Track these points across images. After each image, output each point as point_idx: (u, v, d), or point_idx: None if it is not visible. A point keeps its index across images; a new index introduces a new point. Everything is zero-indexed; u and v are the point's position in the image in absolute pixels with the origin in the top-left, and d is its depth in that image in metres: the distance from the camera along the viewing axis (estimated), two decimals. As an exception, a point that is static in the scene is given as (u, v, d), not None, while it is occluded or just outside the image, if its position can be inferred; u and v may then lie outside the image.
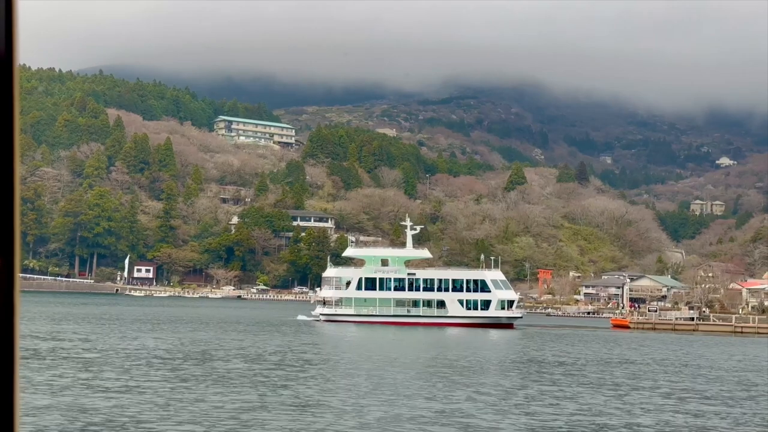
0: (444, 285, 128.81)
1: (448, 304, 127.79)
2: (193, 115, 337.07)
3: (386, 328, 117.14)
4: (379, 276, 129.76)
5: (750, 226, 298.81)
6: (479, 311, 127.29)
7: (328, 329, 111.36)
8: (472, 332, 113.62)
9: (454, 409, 41.23)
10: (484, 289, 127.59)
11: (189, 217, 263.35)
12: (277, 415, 37.55)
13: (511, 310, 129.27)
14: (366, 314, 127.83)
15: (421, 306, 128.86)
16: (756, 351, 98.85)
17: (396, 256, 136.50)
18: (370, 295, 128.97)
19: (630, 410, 43.99)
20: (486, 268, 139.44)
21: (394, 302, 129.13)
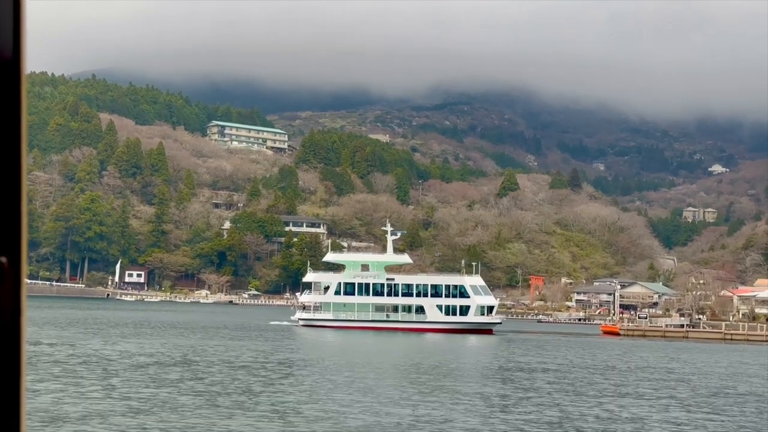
0: (423, 290, 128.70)
1: (427, 309, 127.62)
2: (186, 120, 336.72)
3: (364, 333, 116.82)
4: (357, 281, 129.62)
5: (742, 234, 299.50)
6: (458, 317, 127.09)
7: (304, 335, 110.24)
8: (450, 338, 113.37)
9: (423, 415, 40.95)
10: (463, 295, 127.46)
11: (181, 221, 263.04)
12: (241, 424, 37.17)
13: (490, 316, 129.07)
14: (344, 319, 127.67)
15: (400, 311, 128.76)
16: (736, 358, 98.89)
17: (376, 261, 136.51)
18: (348, 300, 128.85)
19: (581, 415, 43.95)
20: (467, 274, 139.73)
21: (373, 307, 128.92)
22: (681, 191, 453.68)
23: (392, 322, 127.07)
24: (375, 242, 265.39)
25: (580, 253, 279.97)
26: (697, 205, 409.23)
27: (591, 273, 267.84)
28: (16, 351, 2.12)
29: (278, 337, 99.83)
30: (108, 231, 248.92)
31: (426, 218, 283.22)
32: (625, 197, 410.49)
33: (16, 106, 2.14)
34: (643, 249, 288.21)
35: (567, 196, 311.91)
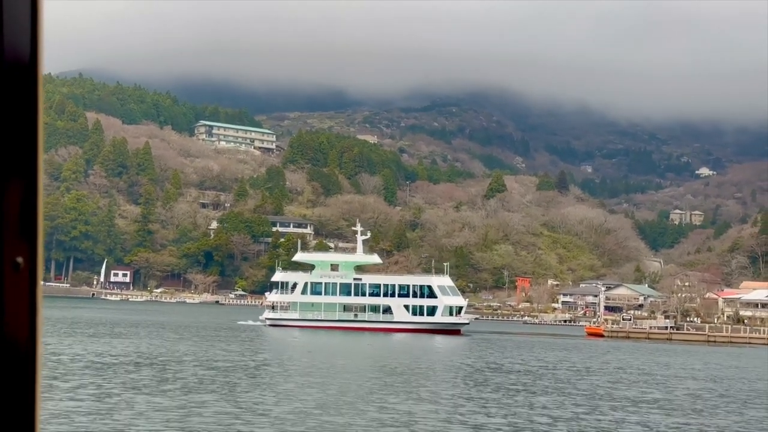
0: (390, 290, 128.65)
1: (394, 309, 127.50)
2: (173, 120, 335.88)
3: (330, 333, 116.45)
4: (325, 281, 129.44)
5: (728, 236, 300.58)
6: (425, 317, 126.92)
7: (269, 335, 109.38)
8: (417, 338, 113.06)
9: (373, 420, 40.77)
10: (431, 295, 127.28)
11: (167, 221, 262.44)
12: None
13: (458, 317, 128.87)
14: (311, 319, 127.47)
15: (367, 311, 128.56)
16: (713, 359, 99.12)
17: (346, 261, 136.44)
18: (315, 300, 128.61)
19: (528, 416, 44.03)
20: (438, 274, 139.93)
21: (340, 307, 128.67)
22: (668, 194, 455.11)
23: (359, 322, 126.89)
24: (362, 243, 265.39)
25: (566, 255, 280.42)
26: (684, 208, 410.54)
27: (577, 275, 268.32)
28: (32, 348, 2.15)
29: (238, 337, 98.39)
30: (94, 230, 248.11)
31: (413, 219, 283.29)
32: (613, 199, 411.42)
33: (34, 108, 2.15)
34: (630, 251, 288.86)
35: (554, 198, 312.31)
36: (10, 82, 2.10)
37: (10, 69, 2.10)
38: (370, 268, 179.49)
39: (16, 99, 2.12)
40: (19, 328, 2.11)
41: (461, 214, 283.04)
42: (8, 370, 2.10)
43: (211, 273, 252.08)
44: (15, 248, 2.10)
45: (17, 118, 2.12)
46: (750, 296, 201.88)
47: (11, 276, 2.09)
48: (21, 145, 2.12)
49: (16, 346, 2.11)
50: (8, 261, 2.09)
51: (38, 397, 2.17)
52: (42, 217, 2.19)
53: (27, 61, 2.13)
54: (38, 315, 2.16)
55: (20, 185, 2.11)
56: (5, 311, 2.09)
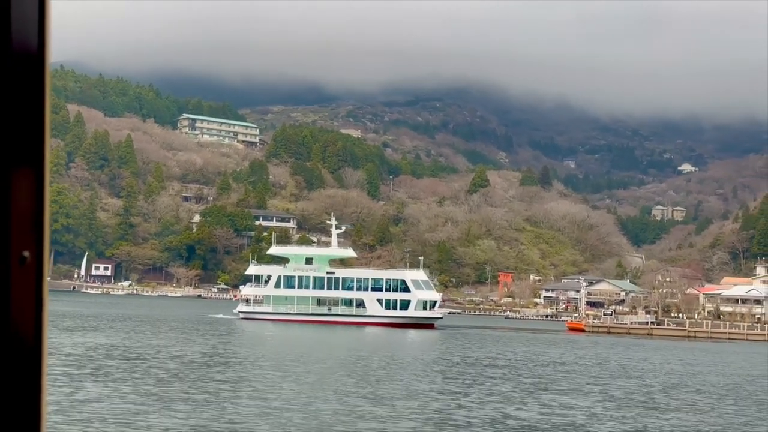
0: (363, 284, 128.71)
1: (367, 303, 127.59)
2: (156, 113, 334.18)
3: (303, 326, 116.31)
4: (298, 274, 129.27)
5: (709, 232, 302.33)
6: (398, 311, 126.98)
7: (242, 328, 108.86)
8: (390, 332, 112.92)
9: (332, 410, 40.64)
10: (404, 289, 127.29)
11: (149, 214, 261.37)
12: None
13: (432, 311, 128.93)
14: (284, 312, 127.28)
15: (340, 305, 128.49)
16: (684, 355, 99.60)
17: (320, 255, 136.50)
18: (288, 294, 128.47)
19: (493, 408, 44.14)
20: (414, 268, 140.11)
21: (313, 301, 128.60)
22: (650, 190, 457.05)
23: (332, 316, 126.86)
24: (345, 238, 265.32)
25: (549, 251, 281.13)
26: (666, 204, 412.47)
27: (560, 270, 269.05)
28: (38, 341, 2.16)
29: (207, 331, 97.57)
30: (75, 223, 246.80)
31: (396, 214, 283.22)
32: (595, 195, 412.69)
33: (41, 102, 2.16)
34: (612, 247, 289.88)
35: (537, 193, 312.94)
36: (17, 77, 2.11)
37: (18, 64, 2.11)
38: (353, 262, 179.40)
39: (23, 93, 2.13)
40: (25, 321, 2.13)
41: (444, 209, 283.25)
42: (15, 362, 2.11)
43: (193, 267, 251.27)
44: (22, 242, 2.11)
45: (24, 112, 2.12)
46: (730, 292, 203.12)
47: (18, 270, 2.10)
48: (28, 139, 2.13)
49: (22, 339, 2.13)
50: (15, 255, 2.10)
51: (44, 390, 2.18)
52: (49, 211, 2.19)
53: (35, 56, 2.14)
54: (44, 308, 2.17)
55: (27, 179, 2.13)
56: (12, 305, 2.10)
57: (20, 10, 2.10)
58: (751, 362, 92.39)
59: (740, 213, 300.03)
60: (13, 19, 2.08)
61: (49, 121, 2.18)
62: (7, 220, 2.08)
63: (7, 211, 2.08)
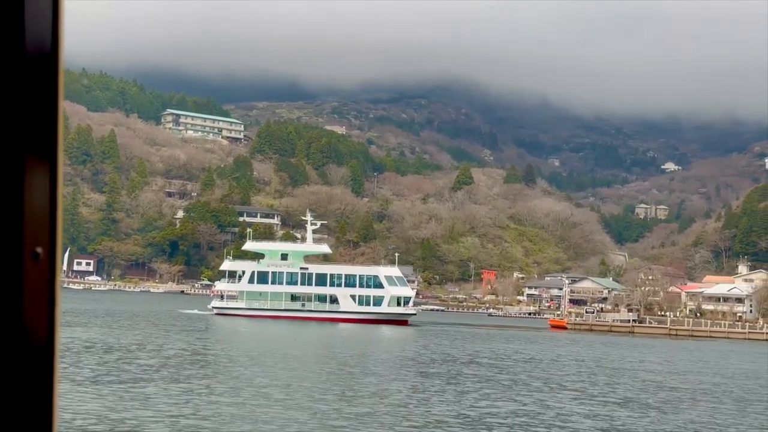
0: (337, 280, 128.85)
1: (341, 299, 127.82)
2: (140, 108, 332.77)
3: (276, 322, 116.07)
4: (271, 270, 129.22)
5: (692, 231, 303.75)
6: (371, 307, 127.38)
7: (214, 323, 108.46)
8: (363, 328, 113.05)
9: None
10: (378, 285, 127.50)
11: (132, 210, 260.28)
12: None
13: (406, 307, 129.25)
14: (258, 308, 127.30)
15: (313, 301, 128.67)
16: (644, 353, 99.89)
17: (295, 251, 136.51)
18: (262, 289, 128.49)
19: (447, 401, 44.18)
20: (389, 264, 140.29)
21: (287, 296, 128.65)
22: (634, 188, 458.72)
23: (305, 312, 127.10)
24: (329, 234, 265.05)
25: (532, 248, 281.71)
26: (649, 202, 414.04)
27: (543, 268, 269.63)
28: (51, 337, 2.16)
29: (173, 326, 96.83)
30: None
31: (380, 211, 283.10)
32: (579, 193, 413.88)
33: (54, 98, 2.17)
34: (595, 245, 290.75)
35: (521, 191, 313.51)
36: (32, 76, 2.13)
37: (32, 63, 2.12)
38: (337, 259, 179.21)
39: (37, 91, 2.14)
40: (38, 316, 2.14)
41: (428, 206, 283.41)
42: (27, 358, 2.12)
43: (176, 262, 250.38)
44: (35, 238, 2.12)
45: (38, 110, 2.14)
46: (712, 290, 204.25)
47: (31, 266, 2.11)
48: (41, 136, 2.15)
49: (35, 334, 2.14)
50: (28, 251, 2.11)
51: (56, 385, 2.19)
52: (62, 207, 2.21)
53: (49, 56, 2.15)
54: (57, 304, 2.19)
55: (40, 176, 2.14)
56: (25, 300, 2.11)
57: (34, 12, 2.11)
58: (729, 360, 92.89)
59: (723, 212, 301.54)
60: (27, 21, 2.10)
61: (62, 119, 2.19)
62: (21, 216, 2.10)
63: (20, 208, 2.10)
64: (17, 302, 2.10)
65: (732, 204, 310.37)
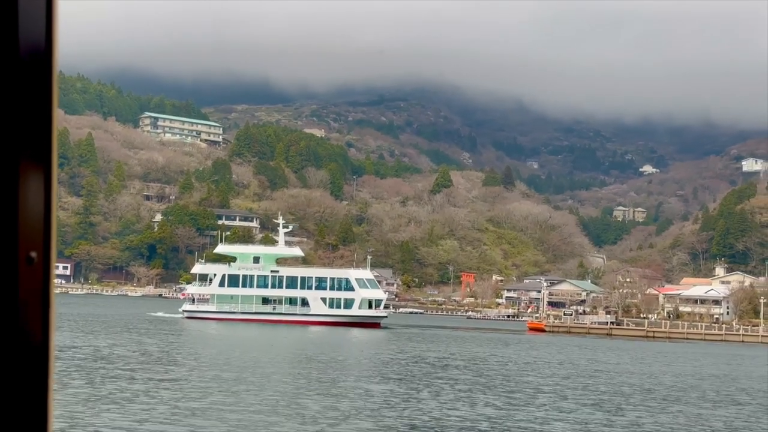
0: (307, 283, 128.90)
1: (311, 302, 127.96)
2: (117, 111, 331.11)
3: (247, 325, 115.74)
4: (242, 273, 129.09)
5: (669, 233, 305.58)
6: (342, 310, 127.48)
7: (181, 327, 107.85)
8: (332, 331, 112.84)
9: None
10: (348, 288, 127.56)
11: (110, 213, 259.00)
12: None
13: (377, 310, 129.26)
14: (228, 311, 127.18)
15: (284, 304, 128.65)
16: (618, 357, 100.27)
17: (267, 253, 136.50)
18: (233, 292, 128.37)
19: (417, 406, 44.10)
20: (360, 267, 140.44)
21: (257, 299, 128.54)
22: (612, 191, 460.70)
23: (276, 315, 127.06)
24: (308, 237, 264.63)
25: (511, 251, 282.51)
26: (627, 205, 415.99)
27: (522, 270, 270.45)
28: (45, 341, 2.16)
29: (139, 330, 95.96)
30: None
31: (359, 214, 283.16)
32: (558, 196, 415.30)
33: (48, 102, 2.17)
34: (574, 247, 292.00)
35: (500, 193, 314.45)
36: (25, 80, 2.12)
37: (25, 66, 2.12)
38: (316, 262, 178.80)
39: (30, 95, 2.13)
40: (32, 321, 2.14)
41: (407, 209, 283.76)
42: (22, 362, 2.12)
43: (154, 266, 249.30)
44: (29, 242, 2.12)
45: (32, 115, 2.13)
46: (689, 292, 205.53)
47: (25, 269, 2.12)
48: (35, 141, 2.14)
49: (29, 338, 2.14)
50: (22, 255, 2.11)
51: (51, 389, 2.19)
52: (56, 211, 2.20)
53: (42, 59, 2.15)
54: (51, 308, 2.19)
55: (34, 180, 2.14)
56: (20, 304, 2.11)
57: (28, 15, 2.11)
58: (701, 362, 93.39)
59: (700, 214, 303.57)
60: (21, 25, 2.10)
61: (56, 123, 2.19)
62: (15, 221, 2.10)
63: (15, 212, 2.10)
64: (11, 306, 2.10)
65: (709, 206, 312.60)
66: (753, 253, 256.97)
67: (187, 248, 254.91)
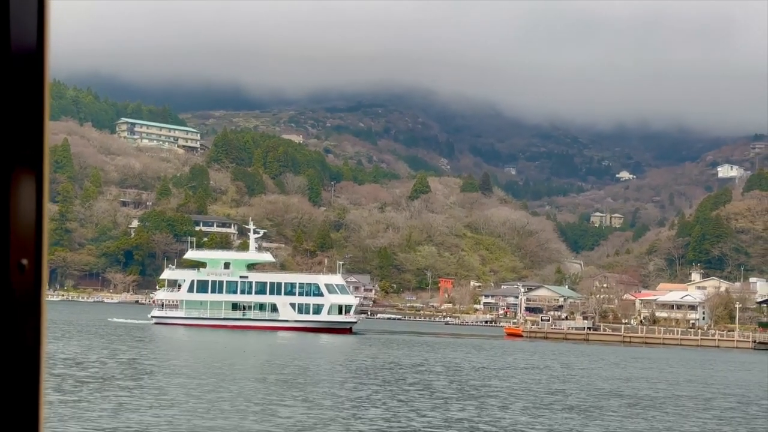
0: (276, 288, 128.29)
1: (280, 307, 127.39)
2: (94, 117, 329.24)
3: (216, 331, 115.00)
4: (211, 279, 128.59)
5: (646, 239, 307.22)
6: (311, 315, 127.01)
7: (152, 333, 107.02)
8: (302, 337, 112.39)
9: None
10: (317, 294, 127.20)
11: (86, 220, 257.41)
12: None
13: (347, 315, 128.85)
14: (197, 317, 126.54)
15: (253, 309, 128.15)
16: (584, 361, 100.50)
17: (237, 259, 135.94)
18: (202, 298, 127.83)
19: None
20: (330, 272, 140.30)
21: (226, 305, 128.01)
22: (589, 197, 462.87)
23: (245, 321, 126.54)
24: (286, 243, 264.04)
25: (489, 257, 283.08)
26: (604, 211, 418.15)
27: (500, 276, 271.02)
28: (37, 349, 2.16)
29: (97, 336, 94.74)
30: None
31: (337, 220, 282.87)
32: (535, 202, 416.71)
33: (40, 110, 2.15)
34: (551, 253, 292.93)
35: (478, 199, 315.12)
36: (16, 85, 2.11)
37: (17, 71, 2.11)
38: (294, 268, 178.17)
39: (22, 100, 2.12)
40: (24, 329, 2.13)
41: (385, 215, 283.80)
42: (13, 370, 2.11)
43: (131, 272, 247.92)
44: (20, 250, 2.11)
45: (23, 120, 2.11)
46: (666, 298, 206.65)
47: (17, 277, 2.11)
48: (27, 146, 2.12)
49: (21, 347, 2.13)
50: (14, 263, 2.10)
51: (42, 397, 2.18)
52: (47, 219, 2.20)
53: (34, 62, 2.13)
54: (43, 316, 2.19)
55: (26, 187, 2.12)
56: (11, 312, 2.10)
57: (19, 16, 2.10)
58: (676, 368, 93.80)
59: (676, 220, 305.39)
60: (12, 28, 2.08)
61: (48, 129, 2.17)
62: (6, 228, 2.09)
63: (6, 219, 2.09)
64: (3, 314, 2.09)
65: (685, 212, 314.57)
66: (728, 259, 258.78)
67: (164, 254, 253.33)
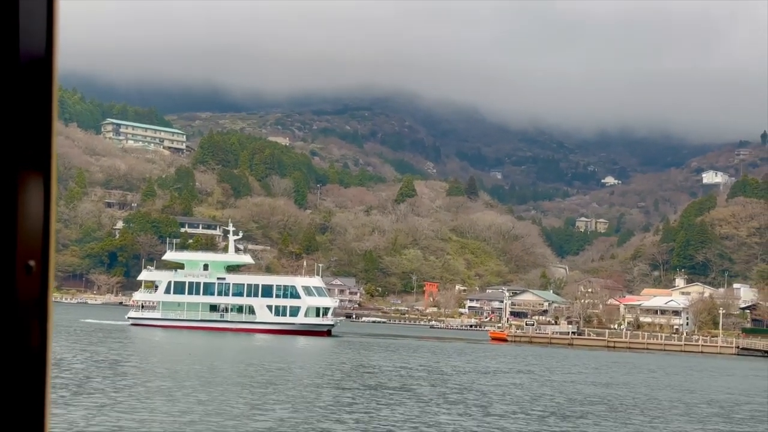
0: (254, 290, 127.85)
1: (257, 309, 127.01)
2: (79, 117, 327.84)
3: (192, 333, 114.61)
4: (188, 280, 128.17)
5: (631, 244, 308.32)
6: (288, 318, 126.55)
7: (128, 335, 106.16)
8: (279, 339, 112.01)
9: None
10: (294, 296, 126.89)
11: (71, 220, 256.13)
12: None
13: (325, 318, 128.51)
14: (174, 318, 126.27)
15: (230, 311, 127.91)
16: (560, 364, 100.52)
17: (216, 261, 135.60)
18: (179, 299, 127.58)
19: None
20: (309, 275, 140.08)
21: (203, 307, 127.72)
22: (575, 201, 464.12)
23: (222, 323, 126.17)
24: (271, 245, 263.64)
25: (474, 261, 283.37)
26: (590, 216, 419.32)
27: (485, 280, 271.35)
28: (43, 351, 2.16)
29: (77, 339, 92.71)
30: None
31: (323, 223, 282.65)
32: (521, 206, 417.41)
33: (48, 111, 2.16)
34: (537, 257, 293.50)
35: (463, 203, 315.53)
36: (24, 88, 2.12)
37: (25, 74, 2.11)
38: (279, 270, 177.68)
39: (30, 103, 2.13)
40: (30, 330, 2.14)
41: (371, 218, 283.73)
42: (19, 371, 2.12)
43: (115, 274, 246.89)
44: (28, 251, 2.12)
45: (31, 123, 2.13)
46: (650, 303, 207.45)
47: (24, 279, 2.11)
48: (34, 148, 2.13)
49: (27, 348, 2.14)
50: (21, 264, 2.11)
51: (48, 399, 2.19)
52: (54, 220, 2.21)
53: (42, 65, 2.14)
54: (49, 317, 2.19)
55: (33, 189, 2.14)
56: (18, 313, 2.11)
57: (28, 15, 2.09)
58: (657, 374, 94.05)
59: (661, 225, 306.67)
60: (21, 31, 2.08)
61: (56, 131, 2.19)
62: (14, 230, 2.10)
63: (13, 221, 2.10)
64: (10, 315, 2.10)
65: (670, 218, 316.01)
66: (712, 265, 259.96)
67: (149, 256, 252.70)
